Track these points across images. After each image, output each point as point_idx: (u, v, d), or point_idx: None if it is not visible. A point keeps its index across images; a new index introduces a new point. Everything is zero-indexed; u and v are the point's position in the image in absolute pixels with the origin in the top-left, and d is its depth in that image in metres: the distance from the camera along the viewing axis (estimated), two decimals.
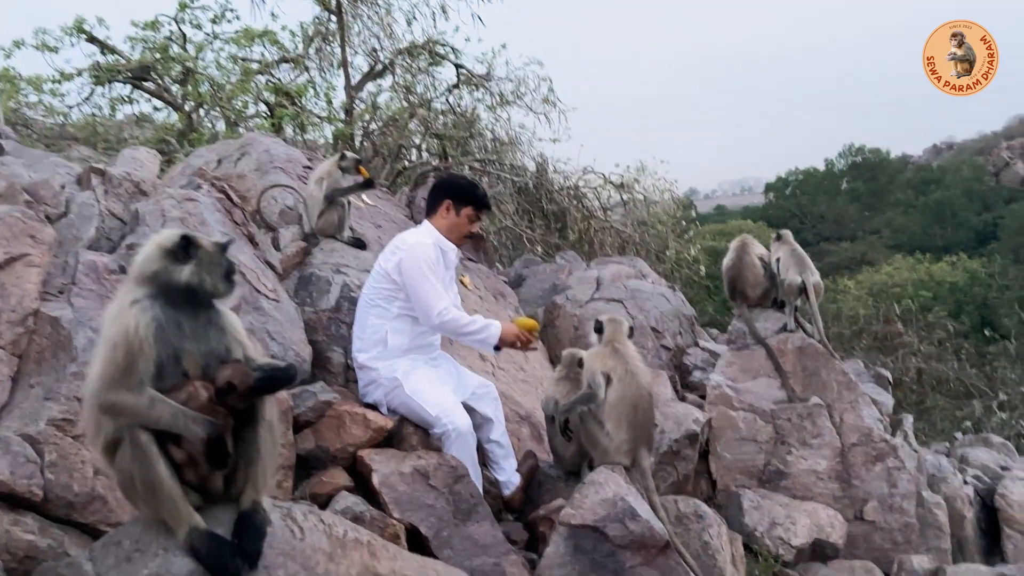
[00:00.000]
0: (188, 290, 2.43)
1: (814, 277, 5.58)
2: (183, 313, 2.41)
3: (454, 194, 4.29)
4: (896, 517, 5.08)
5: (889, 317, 13.76)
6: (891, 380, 7.11)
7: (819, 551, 4.87)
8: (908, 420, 6.06)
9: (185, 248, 2.44)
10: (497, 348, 4.15)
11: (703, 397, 5.82)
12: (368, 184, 5.99)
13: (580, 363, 4.19)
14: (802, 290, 5.51)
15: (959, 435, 8.40)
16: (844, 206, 42.62)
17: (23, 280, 3.17)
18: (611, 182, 12.45)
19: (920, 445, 6.36)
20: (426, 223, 4.34)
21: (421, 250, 4.09)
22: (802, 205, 42.35)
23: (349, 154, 5.87)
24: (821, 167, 48.16)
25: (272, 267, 5.04)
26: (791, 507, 4.98)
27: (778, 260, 5.69)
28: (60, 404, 2.95)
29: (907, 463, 5.24)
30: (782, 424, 5.29)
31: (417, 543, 3.44)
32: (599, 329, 4.07)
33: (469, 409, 4.16)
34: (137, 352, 2.28)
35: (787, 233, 5.95)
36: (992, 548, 5.73)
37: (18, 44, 10.99)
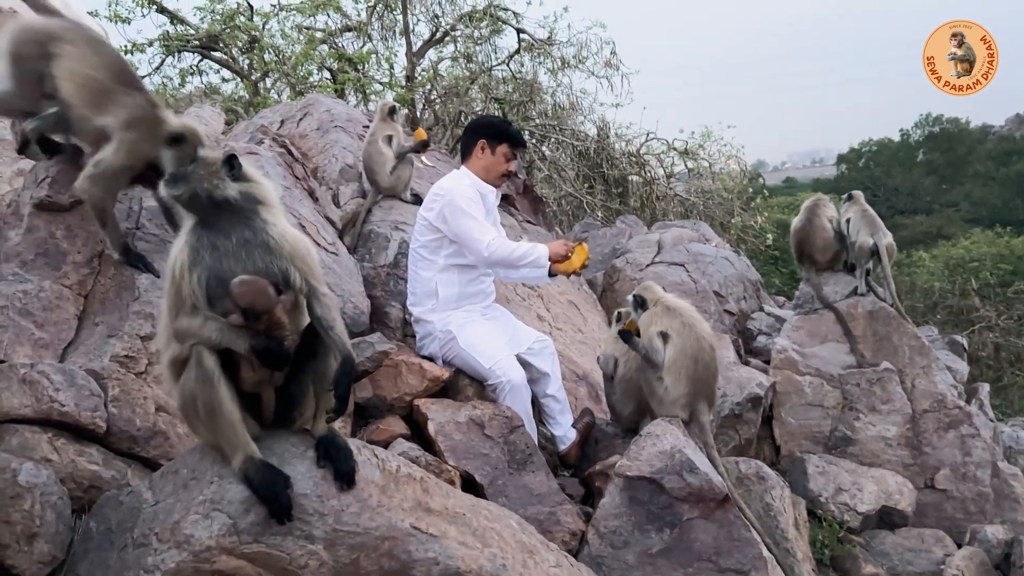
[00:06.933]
0: (214, 207, 2.40)
1: (887, 238, 5.37)
2: (219, 234, 2.39)
3: (488, 133, 4.25)
4: (969, 486, 4.90)
5: (966, 290, 13.22)
6: (966, 347, 6.81)
7: (886, 519, 4.74)
8: (984, 388, 5.80)
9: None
10: (552, 275, 4.11)
11: (767, 363, 5.68)
12: (424, 145, 5.97)
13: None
14: (874, 252, 5.31)
15: None
16: (920, 178, 41.02)
17: (88, 223, 3.24)
18: (675, 148, 12.21)
19: (997, 422, 6.09)
20: (462, 168, 4.30)
21: (459, 191, 4.07)
22: (875, 177, 40.84)
23: (397, 105, 5.85)
24: (896, 137, 46.43)
25: (331, 222, 5.07)
26: (858, 473, 4.84)
27: (848, 221, 5.49)
28: (123, 341, 3.01)
29: (982, 431, 5.03)
30: (850, 389, 5.13)
31: (472, 491, 3.43)
32: (640, 303, 3.94)
33: (525, 363, 4.14)
34: (179, 278, 2.32)
35: (859, 194, 5.74)
36: None
37: (92, 15, 11.25)
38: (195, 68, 12.05)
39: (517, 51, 11.84)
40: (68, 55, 3.06)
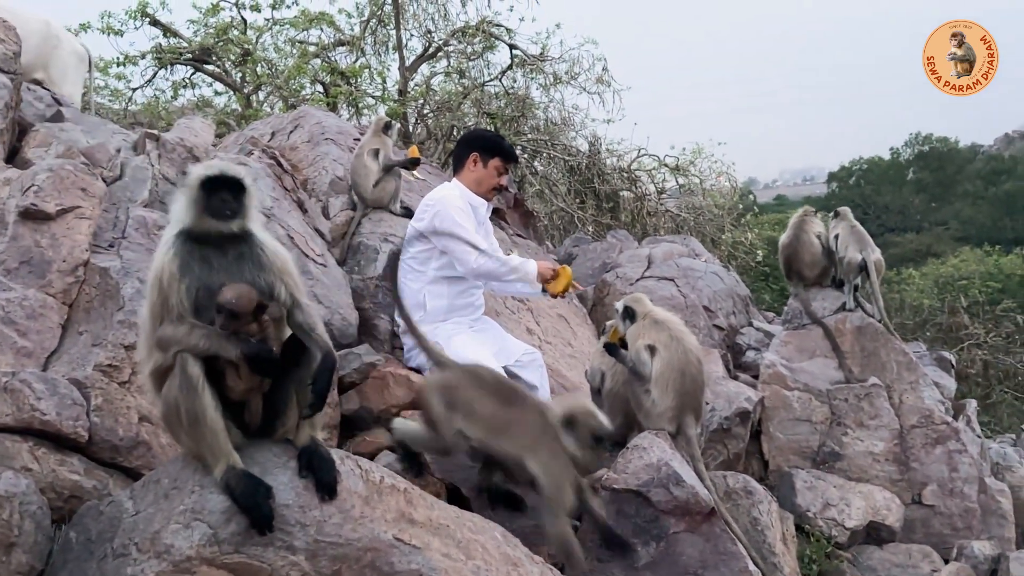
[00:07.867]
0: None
1: (875, 254, 5.40)
2: (211, 248, 2.42)
3: (481, 146, 4.32)
4: (956, 502, 4.90)
5: (955, 308, 13.28)
6: (953, 363, 6.84)
7: (874, 534, 4.74)
8: (971, 405, 5.82)
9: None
10: (545, 291, 4.17)
11: (756, 377, 5.69)
12: (414, 163, 5.97)
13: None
14: (862, 268, 5.34)
15: None
16: (910, 197, 41.38)
17: (74, 232, 3.24)
18: (666, 164, 12.26)
19: (985, 439, 6.11)
20: (454, 181, 4.35)
21: (450, 201, 4.11)
22: (866, 195, 41.15)
23: (392, 121, 5.86)
24: (886, 156, 46.80)
25: (321, 234, 5.06)
26: (845, 488, 4.84)
27: (836, 237, 5.52)
28: (107, 351, 3.00)
29: (970, 447, 5.05)
30: (838, 405, 5.14)
31: (458, 504, 3.41)
32: (630, 314, 3.92)
33: (514, 376, 4.12)
34: (167, 287, 2.34)
35: (846, 210, 5.77)
36: None
37: (84, 27, 11.24)
38: (188, 81, 12.05)
39: (510, 67, 11.89)
40: (466, 400, 3.21)
